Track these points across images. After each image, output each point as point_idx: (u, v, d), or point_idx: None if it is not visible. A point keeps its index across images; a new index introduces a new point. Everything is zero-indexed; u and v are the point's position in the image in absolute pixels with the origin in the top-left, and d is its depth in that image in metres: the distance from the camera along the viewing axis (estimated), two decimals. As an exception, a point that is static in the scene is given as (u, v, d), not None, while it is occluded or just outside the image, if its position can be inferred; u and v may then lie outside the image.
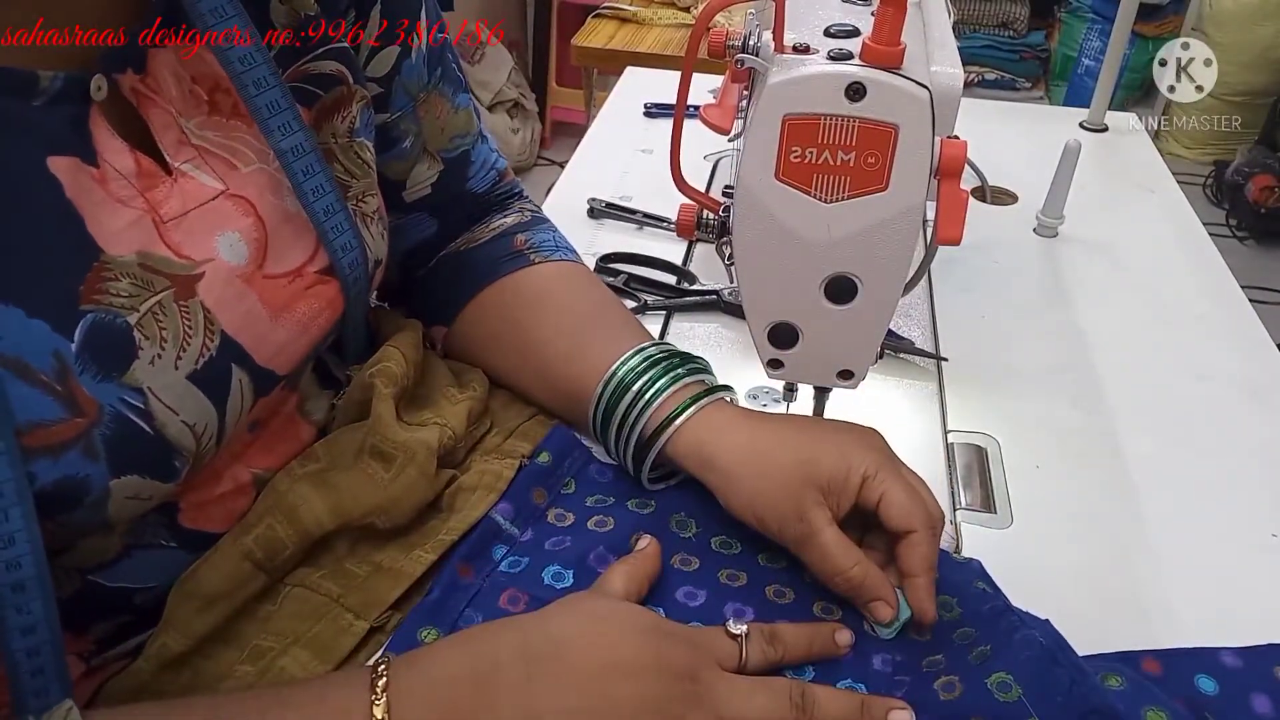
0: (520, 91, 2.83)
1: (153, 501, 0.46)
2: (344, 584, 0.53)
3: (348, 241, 0.54)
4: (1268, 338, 0.80)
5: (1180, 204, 1.01)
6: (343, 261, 0.53)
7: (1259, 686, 0.50)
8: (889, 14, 0.43)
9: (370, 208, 0.56)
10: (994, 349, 0.78)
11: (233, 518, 0.53)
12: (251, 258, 0.49)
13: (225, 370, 0.48)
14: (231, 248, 0.49)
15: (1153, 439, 0.69)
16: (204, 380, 0.46)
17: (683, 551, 0.57)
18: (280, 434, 0.56)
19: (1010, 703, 0.45)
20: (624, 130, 1.12)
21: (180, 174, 0.47)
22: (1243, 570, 0.59)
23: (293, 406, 0.57)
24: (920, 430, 0.69)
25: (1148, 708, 0.45)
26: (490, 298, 0.66)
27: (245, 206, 0.49)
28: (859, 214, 0.47)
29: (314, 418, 0.58)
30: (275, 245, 0.51)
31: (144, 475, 0.44)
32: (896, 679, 0.50)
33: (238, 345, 0.48)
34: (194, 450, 0.46)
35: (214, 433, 0.47)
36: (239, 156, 0.50)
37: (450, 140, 0.66)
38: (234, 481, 0.53)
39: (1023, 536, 0.61)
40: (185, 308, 0.46)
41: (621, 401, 0.58)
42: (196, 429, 0.46)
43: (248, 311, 0.49)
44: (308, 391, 0.58)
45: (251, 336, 0.49)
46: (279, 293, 0.51)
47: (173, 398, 0.45)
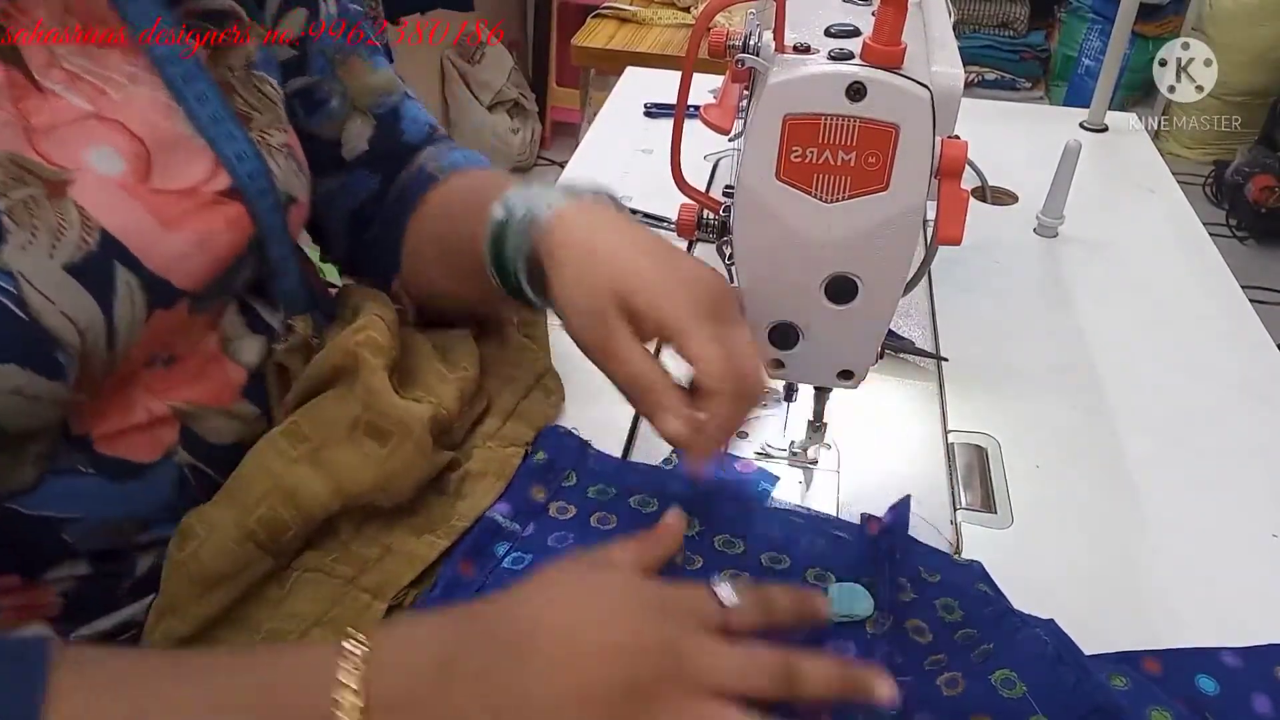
0: (520, 91, 2.83)
1: (43, 403, 0.46)
2: (357, 566, 0.54)
3: (253, 169, 0.54)
4: (1268, 338, 0.80)
5: (1180, 204, 1.01)
6: (247, 186, 0.53)
7: (1259, 686, 0.50)
8: (889, 14, 0.43)
9: (276, 140, 0.57)
10: (994, 349, 0.78)
11: (159, 448, 0.53)
12: (131, 171, 0.50)
13: (108, 267, 0.47)
14: (105, 159, 0.49)
15: (1153, 439, 0.69)
16: (83, 273, 0.46)
17: (685, 550, 0.57)
18: (202, 371, 0.55)
19: (1014, 699, 0.45)
20: (624, 130, 1.12)
21: (50, 93, 0.48)
22: (1243, 570, 0.59)
23: (215, 344, 0.56)
24: (920, 430, 0.69)
25: (1152, 707, 0.45)
26: (415, 229, 0.68)
27: (118, 128, 0.50)
28: (859, 214, 0.47)
29: (243, 359, 0.58)
30: (162, 162, 0.51)
31: (23, 366, 0.44)
32: (899, 679, 0.50)
33: (121, 246, 0.48)
34: (78, 347, 0.46)
35: (101, 332, 0.47)
36: (111, 84, 0.50)
37: (378, 98, 0.68)
38: (149, 413, 0.52)
39: (1023, 536, 0.61)
40: (58, 205, 0.46)
41: (504, 223, 0.56)
42: (79, 324, 0.46)
43: (132, 216, 0.49)
44: (233, 332, 0.57)
45: (138, 240, 0.49)
46: (171, 206, 0.51)
47: (48, 286, 0.45)
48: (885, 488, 0.62)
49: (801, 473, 0.65)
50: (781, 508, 0.61)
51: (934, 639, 0.52)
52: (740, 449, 0.67)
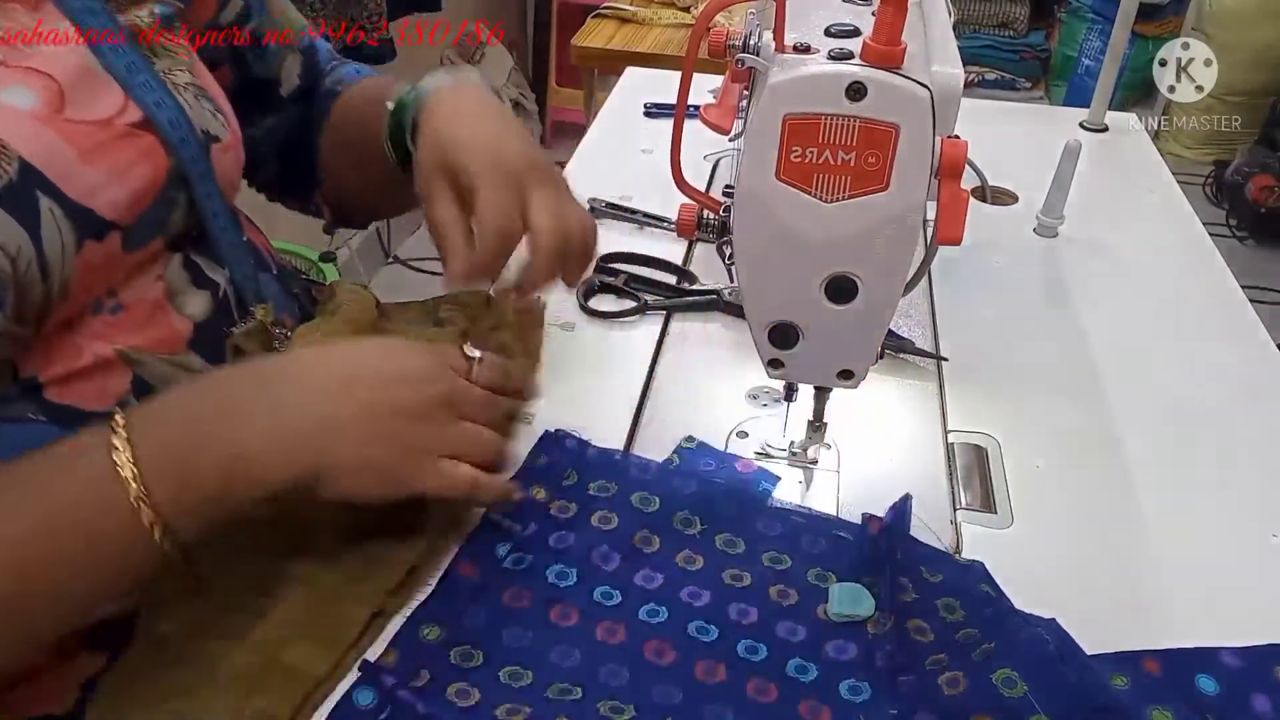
0: (520, 91, 2.83)
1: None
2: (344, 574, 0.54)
3: (159, 99, 0.56)
4: (1268, 338, 0.80)
5: (1180, 204, 1.01)
6: (158, 116, 0.55)
7: (1259, 686, 0.50)
8: (889, 14, 0.43)
9: (181, 80, 0.59)
10: (994, 349, 0.78)
11: (107, 396, 0.53)
12: (45, 103, 0.51)
13: (30, 195, 0.48)
14: (19, 95, 0.50)
15: (1153, 439, 0.69)
16: (6, 202, 0.47)
17: (687, 549, 0.57)
18: (148, 320, 0.56)
19: (1016, 699, 0.45)
20: (624, 130, 1.12)
21: None
22: (1243, 570, 0.59)
23: (160, 293, 0.57)
24: (920, 430, 0.69)
25: (1153, 707, 0.45)
26: (325, 142, 0.75)
27: (27, 71, 0.51)
28: (859, 214, 0.47)
29: (188, 312, 0.59)
30: (74, 97, 0.52)
31: None
32: (901, 679, 0.50)
33: (40, 174, 0.49)
34: (10, 273, 0.47)
35: (32, 260, 0.48)
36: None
37: (299, 33, 0.74)
38: (95, 356, 0.53)
39: (1023, 536, 0.61)
40: None
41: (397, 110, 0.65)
42: (8, 249, 0.47)
43: (48, 146, 0.50)
44: (178, 285, 0.59)
45: (56, 170, 0.50)
46: (86, 137, 0.52)
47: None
48: (885, 488, 0.62)
49: (801, 473, 0.65)
50: (782, 508, 0.61)
51: (935, 639, 0.52)
52: (740, 449, 0.67)
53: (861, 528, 0.58)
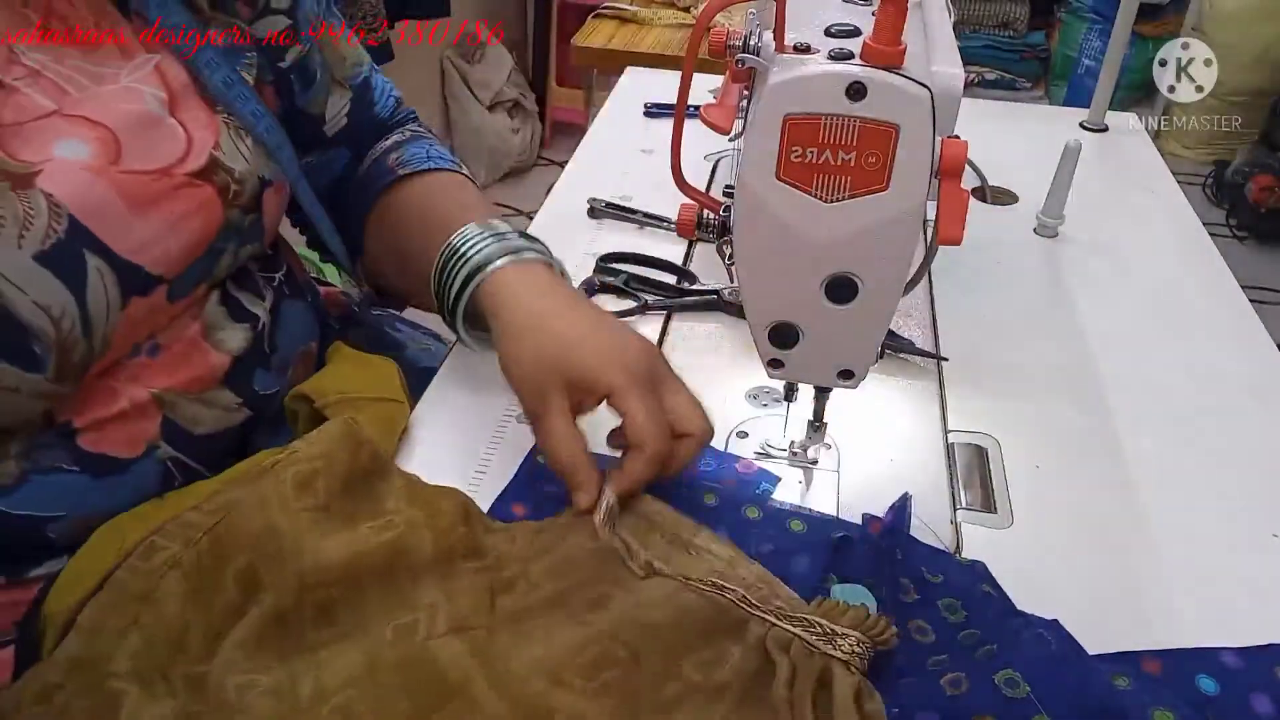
0: (520, 91, 2.83)
1: (23, 395, 0.46)
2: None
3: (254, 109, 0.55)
4: (1268, 338, 0.80)
5: (1180, 204, 1.01)
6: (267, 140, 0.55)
7: (1260, 687, 0.50)
8: (890, 14, 0.43)
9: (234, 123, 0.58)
10: (994, 349, 0.78)
11: (138, 442, 0.53)
12: (99, 154, 0.50)
13: (77, 255, 0.48)
14: (72, 149, 0.49)
15: (1153, 439, 0.69)
16: (53, 262, 0.46)
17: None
18: (184, 358, 0.56)
19: (1018, 700, 0.45)
20: (624, 130, 1.12)
21: (13, 88, 0.48)
22: (1243, 570, 0.59)
23: (197, 332, 0.57)
24: (920, 430, 0.69)
25: (1156, 708, 0.45)
26: (373, 221, 0.70)
27: (81, 121, 0.50)
28: (859, 214, 0.47)
29: (226, 347, 0.58)
30: (132, 144, 0.51)
31: (1, 358, 0.45)
32: (902, 682, 0.50)
33: (90, 232, 0.48)
34: (54, 337, 0.46)
35: (76, 319, 0.47)
36: (71, 83, 0.51)
37: (351, 68, 0.70)
38: (131, 400, 0.52)
39: (1023, 536, 0.61)
40: (24, 195, 0.46)
41: (451, 260, 0.60)
42: (53, 312, 0.46)
43: (100, 200, 0.49)
44: (215, 321, 0.58)
45: (106, 225, 0.49)
46: (140, 189, 0.51)
47: (19, 276, 0.45)
48: (885, 488, 0.62)
49: (801, 473, 0.65)
50: (782, 508, 0.61)
51: (937, 639, 0.51)
52: (740, 449, 0.67)
53: (862, 528, 0.58)
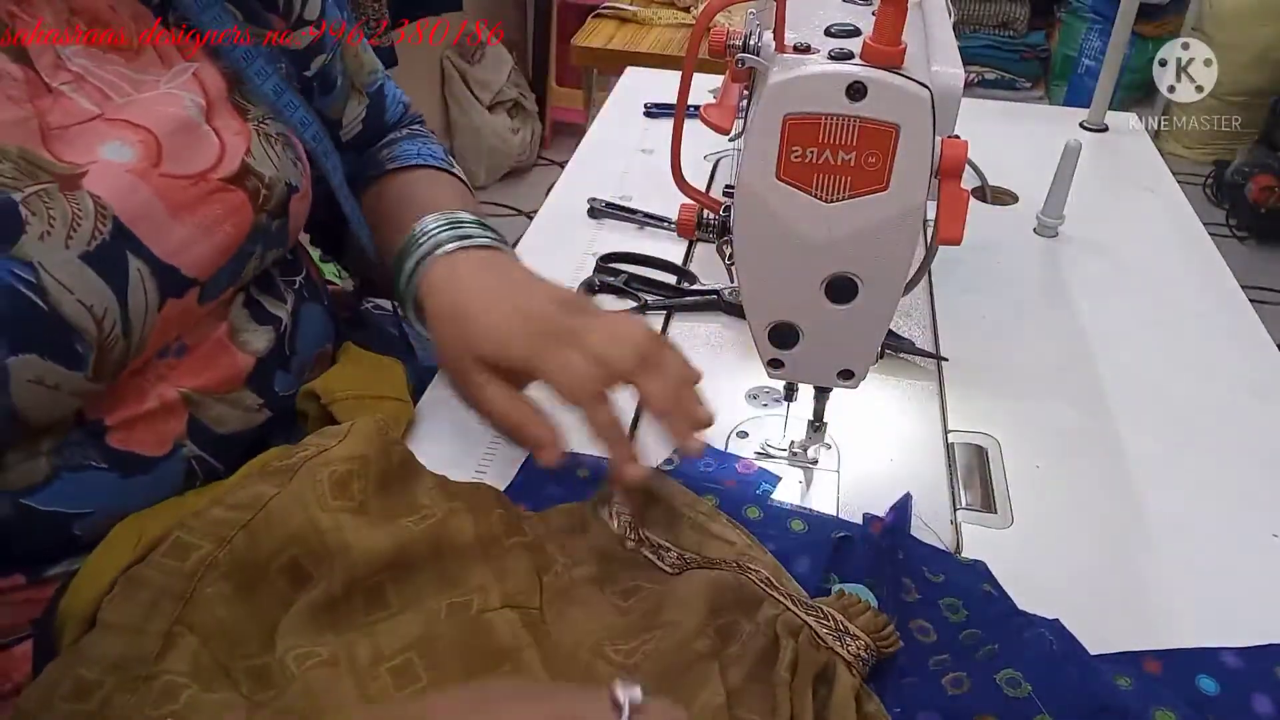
0: (520, 91, 2.83)
1: (62, 393, 0.47)
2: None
3: (303, 117, 0.57)
4: (1268, 338, 0.80)
5: (1180, 204, 1.01)
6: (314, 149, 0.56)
7: (1260, 687, 0.50)
8: (890, 14, 0.43)
9: (272, 130, 0.59)
10: (994, 349, 0.78)
11: (165, 440, 0.53)
12: (143, 156, 0.51)
13: (121, 256, 0.48)
14: (116, 151, 0.50)
15: (1153, 439, 0.69)
16: (98, 261, 0.47)
17: None
18: (211, 359, 0.56)
19: (1020, 699, 0.45)
20: (624, 130, 1.12)
21: (59, 93, 0.50)
22: (1243, 570, 0.59)
23: (223, 333, 0.58)
24: (920, 430, 0.69)
25: (1157, 708, 0.45)
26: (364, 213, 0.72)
27: (124, 124, 0.51)
28: (859, 214, 0.47)
29: (251, 348, 0.59)
30: (172, 148, 0.52)
31: (44, 355, 0.45)
32: (904, 681, 0.50)
33: (132, 234, 0.49)
34: (96, 336, 0.47)
35: (117, 320, 0.48)
36: (115, 90, 0.52)
37: (369, 75, 0.72)
38: (160, 399, 0.53)
39: (1023, 536, 0.61)
40: (72, 196, 0.47)
41: (404, 249, 0.62)
42: (95, 311, 0.47)
43: (142, 203, 0.50)
44: (240, 324, 0.59)
45: (147, 228, 0.50)
46: (179, 193, 0.52)
47: (66, 275, 0.46)
48: (885, 488, 0.62)
49: (801, 473, 0.65)
50: (782, 508, 0.60)
51: (938, 639, 0.52)
52: (740, 449, 0.67)
53: (863, 528, 0.58)
